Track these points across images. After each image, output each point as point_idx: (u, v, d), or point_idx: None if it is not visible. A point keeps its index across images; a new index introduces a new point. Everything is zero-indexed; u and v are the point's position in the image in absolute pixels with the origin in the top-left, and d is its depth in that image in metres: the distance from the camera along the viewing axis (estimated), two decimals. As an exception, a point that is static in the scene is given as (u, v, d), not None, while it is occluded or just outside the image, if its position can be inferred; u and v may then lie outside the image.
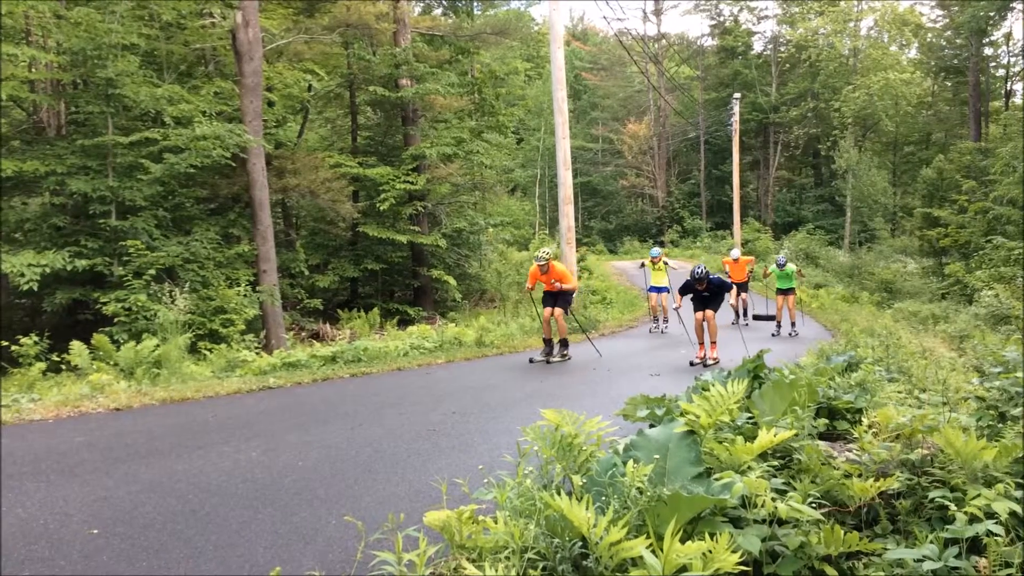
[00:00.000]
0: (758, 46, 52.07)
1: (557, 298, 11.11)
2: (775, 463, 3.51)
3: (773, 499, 2.94)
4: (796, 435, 3.67)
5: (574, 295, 11.80)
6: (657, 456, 3.14)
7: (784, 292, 16.84)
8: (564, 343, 11.32)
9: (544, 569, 2.58)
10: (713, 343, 11.08)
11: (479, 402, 7.46)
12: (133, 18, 15.38)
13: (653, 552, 2.44)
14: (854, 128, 42.97)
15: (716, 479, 3.13)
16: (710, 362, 10.64)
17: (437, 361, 11.09)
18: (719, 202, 48.16)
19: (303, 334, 17.01)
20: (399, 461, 5.06)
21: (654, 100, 51.19)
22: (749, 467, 3.33)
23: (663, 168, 50.93)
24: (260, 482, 4.55)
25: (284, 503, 4.14)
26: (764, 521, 2.93)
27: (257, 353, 11.07)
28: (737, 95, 38.66)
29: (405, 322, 18.98)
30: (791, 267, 16.87)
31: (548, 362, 10.90)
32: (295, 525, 3.79)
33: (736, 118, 36.77)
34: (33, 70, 16.69)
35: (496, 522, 2.82)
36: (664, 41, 54.90)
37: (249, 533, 3.67)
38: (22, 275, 12.07)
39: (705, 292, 11.08)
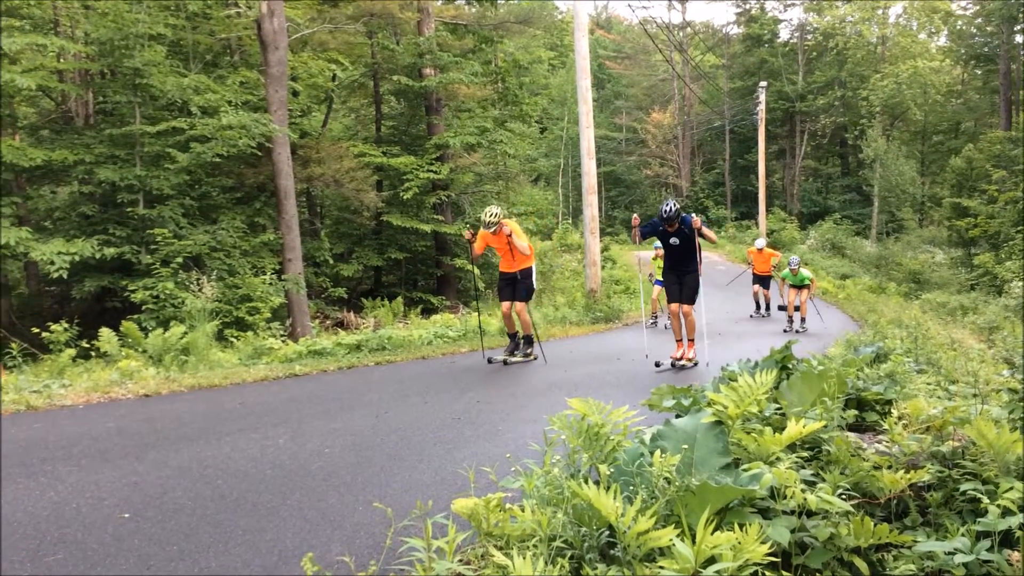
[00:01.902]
0: (784, 34, 51.55)
1: (516, 286, 9.60)
2: (804, 454, 3.48)
3: (802, 490, 2.91)
4: (825, 426, 3.64)
5: (533, 277, 9.85)
6: (685, 446, 3.13)
7: (797, 287, 16.13)
8: (528, 340, 9.85)
9: (572, 558, 2.58)
10: (691, 340, 9.46)
11: (503, 391, 7.48)
12: (159, 8, 15.50)
13: (682, 542, 2.44)
14: (882, 117, 42.45)
15: (744, 470, 3.11)
16: (682, 364, 9.22)
17: (461, 350, 11.11)
18: (744, 192, 47.81)
19: (328, 322, 17.12)
20: (425, 449, 5.09)
21: (679, 89, 50.86)
22: (778, 458, 3.31)
23: (687, 157, 50.62)
24: (288, 468, 4.59)
25: (312, 489, 4.18)
26: (793, 512, 2.91)
27: (283, 341, 11.15)
28: (763, 83, 38.29)
29: (428, 311, 19.05)
30: (805, 273, 16.10)
31: (506, 363, 9.43)
32: (323, 511, 3.82)
33: (762, 107, 36.42)
34: (62, 60, 16.88)
35: (523, 510, 2.83)
36: (689, 29, 54.47)
37: (277, 518, 3.71)
38: (52, 263, 12.24)
39: (674, 239, 9.23)
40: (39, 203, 15.48)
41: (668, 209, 9.19)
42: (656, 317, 15.81)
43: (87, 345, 9.80)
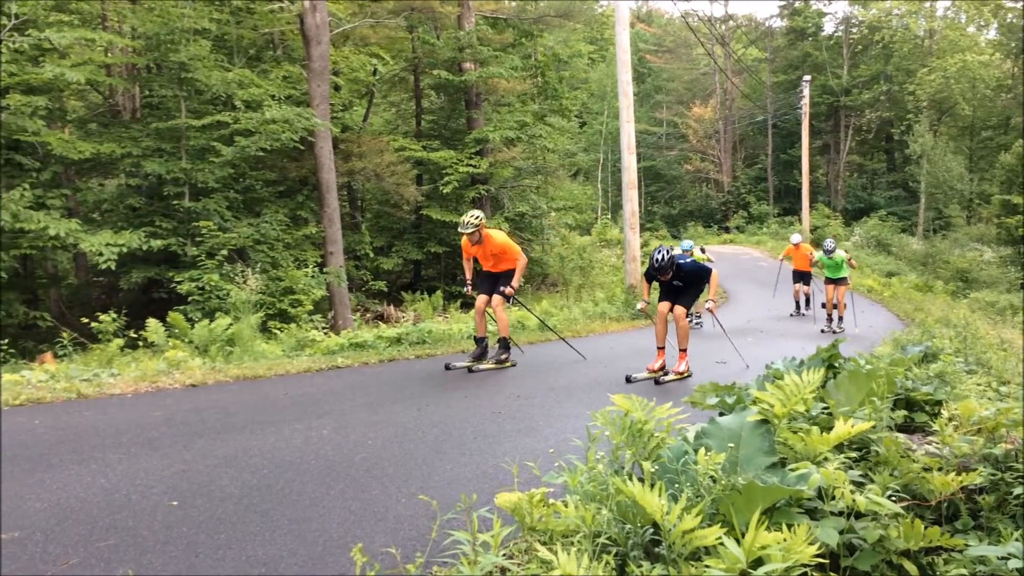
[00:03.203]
0: (829, 27, 50.65)
1: (495, 282, 8.65)
2: (852, 455, 3.43)
3: (851, 491, 2.87)
4: (874, 426, 3.58)
5: (516, 279, 8.70)
6: (731, 445, 3.10)
7: (834, 282, 15.09)
8: (503, 344, 8.76)
9: (616, 555, 2.58)
10: (682, 351, 8.30)
11: (543, 386, 7.48)
12: (204, 3, 15.71)
13: (732, 541, 2.43)
14: (929, 112, 41.58)
15: (791, 470, 3.07)
16: (666, 378, 8.01)
17: (500, 344, 11.11)
18: (787, 187, 47.17)
19: (368, 315, 17.26)
20: (466, 442, 5.11)
21: (720, 83, 50.31)
22: (825, 458, 3.27)
23: (729, 152, 50.07)
24: (331, 459, 4.64)
25: (355, 480, 4.22)
26: (841, 513, 2.87)
27: (325, 333, 11.26)
28: (807, 77, 37.76)
29: (468, 305, 19.09)
30: (840, 254, 15.09)
31: (471, 370, 8.28)
32: (366, 502, 3.86)
33: (806, 101, 35.92)
34: (109, 55, 17.20)
35: (566, 506, 2.83)
36: (731, 22, 53.84)
37: (322, 508, 3.75)
38: (100, 254, 12.49)
39: (675, 282, 8.31)
40: (88, 195, 15.79)
41: (659, 258, 8.01)
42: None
43: (135, 335, 10.00)
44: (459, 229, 8.48)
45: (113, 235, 12.98)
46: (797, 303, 17.68)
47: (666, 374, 8.11)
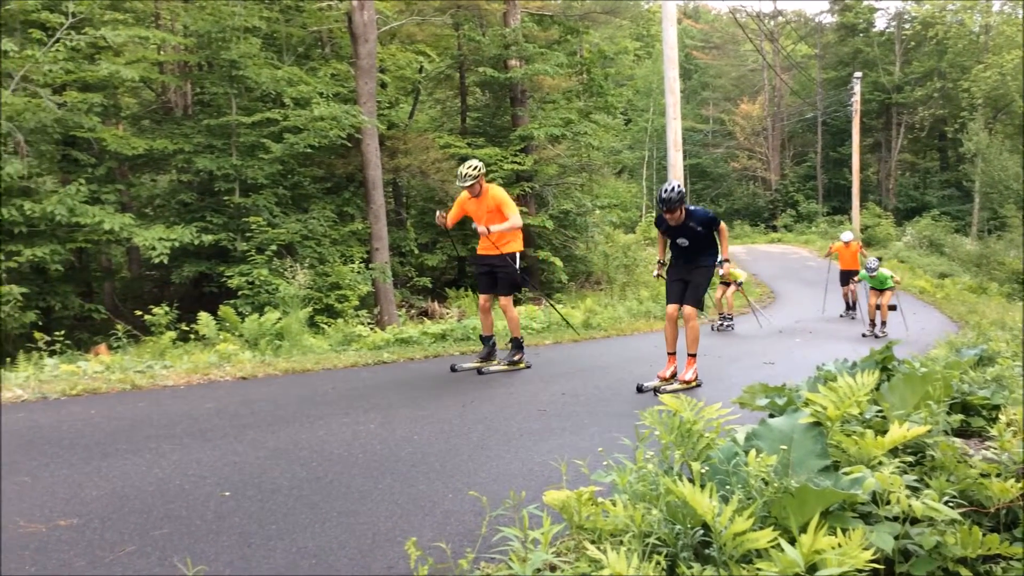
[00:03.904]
0: (881, 23, 49.82)
1: (497, 277, 7.95)
2: (907, 459, 3.37)
3: (907, 496, 2.82)
4: (930, 431, 3.51)
5: (517, 266, 7.99)
6: (783, 447, 3.06)
7: (879, 290, 14.90)
8: (516, 344, 8.24)
9: (665, 555, 2.56)
10: (691, 356, 7.32)
11: (588, 384, 7.46)
12: (254, 1, 15.95)
13: (780, 545, 2.40)
14: (984, 109, 40.52)
15: (844, 473, 3.03)
16: (669, 388, 7.03)
17: (545, 342, 11.13)
18: (836, 186, 46.37)
19: (412, 311, 17.38)
20: (511, 439, 5.12)
21: (769, 79, 49.65)
22: (880, 462, 3.21)
23: (777, 150, 49.39)
24: (378, 453, 4.69)
25: (402, 474, 4.25)
26: (896, 519, 2.82)
27: (371, 328, 11.38)
28: (858, 74, 37.10)
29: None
30: (884, 272, 14.84)
31: (480, 372, 7.82)
32: (413, 496, 3.88)
33: (856, 98, 35.30)
34: (162, 52, 17.56)
35: (614, 505, 2.82)
36: (780, 18, 53.06)
37: (370, 502, 3.79)
38: (153, 248, 12.76)
39: (682, 239, 7.18)
40: (141, 190, 16.16)
41: (668, 189, 6.95)
42: (723, 319, 14.80)
43: (186, 328, 10.21)
44: (457, 183, 7.81)
45: (165, 230, 13.26)
46: (847, 303, 17.38)
47: (671, 382, 7.25)
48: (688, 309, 7.19)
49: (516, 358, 8.22)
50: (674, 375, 7.39)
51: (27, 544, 3.15)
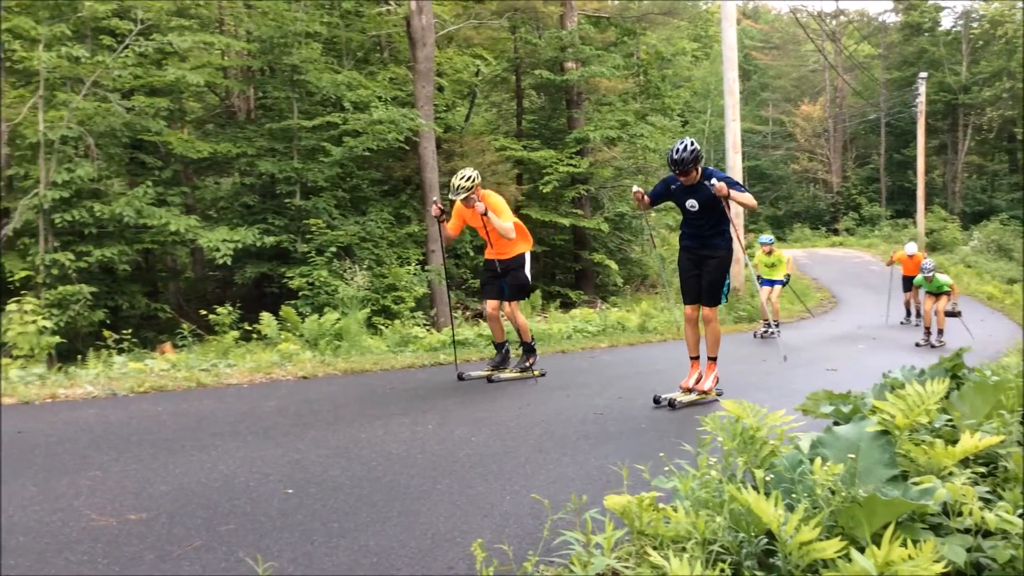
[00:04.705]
0: (947, 22, 48.42)
1: (504, 281, 7.59)
2: (979, 470, 3.27)
3: (980, 508, 2.74)
4: (1003, 441, 3.40)
5: (527, 267, 7.64)
6: (852, 455, 2.99)
7: (935, 295, 14.07)
8: (528, 349, 7.87)
9: (729, 563, 2.53)
10: (711, 359, 6.62)
11: (645, 389, 7.38)
12: (316, 6, 16.22)
13: (848, 555, 2.35)
14: (1057, 110, 39.10)
15: (914, 483, 2.95)
16: (685, 399, 6.41)
17: (600, 345, 11.09)
18: (900, 188, 45.22)
19: (467, 313, 17.46)
20: (568, 443, 5.11)
21: (830, 80, 48.67)
22: (951, 472, 3.12)
23: (838, 152, 48.39)
24: (437, 454, 4.72)
25: (460, 475, 4.27)
26: (967, 531, 2.74)
27: (427, 330, 11.47)
28: (923, 74, 36.13)
29: (567, 305, 19.09)
30: (943, 279, 13.99)
31: (490, 380, 7.46)
32: (471, 498, 3.90)
33: (922, 99, 34.39)
34: (226, 57, 17.97)
35: (675, 511, 2.79)
36: (842, 17, 52.00)
37: (429, 502, 3.81)
38: (217, 249, 13.07)
39: (692, 202, 6.36)
40: (205, 193, 16.58)
41: (681, 148, 6.14)
42: (769, 326, 13.65)
43: (248, 328, 10.43)
44: (450, 195, 7.22)
45: (229, 231, 13.57)
46: (908, 310, 16.95)
47: (690, 394, 6.52)
48: (707, 310, 6.54)
49: (529, 363, 7.84)
50: (700, 380, 6.65)
51: (99, 537, 3.25)
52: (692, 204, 6.36)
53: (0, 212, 13.51)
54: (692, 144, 6.16)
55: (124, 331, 9.66)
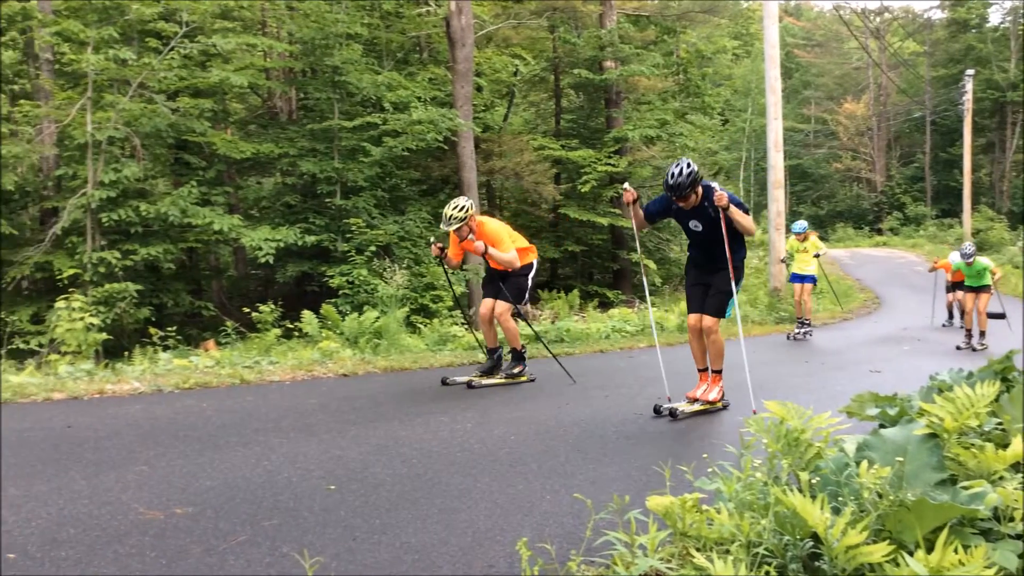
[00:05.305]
0: (995, 18, 47.25)
1: (500, 286, 7.31)
2: (1033, 475, 3.18)
3: (1033, 514, 2.68)
4: (1057, 446, 3.31)
5: (529, 277, 7.51)
6: (900, 458, 2.94)
7: (975, 290, 12.93)
8: (517, 356, 7.53)
9: (774, 566, 2.50)
10: (715, 373, 6.32)
11: (684, 388, 7.31)
12: (356, 8, 16.36)
13: (896, 560, 2.32)
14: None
15: (963, 487, 2.89)
16: (689, 409, 6.07)
17: (639, 345, 11.03)
18: (946, 187, 44.31)
19: (506, 313, 17.49)
20: (607, 443, 5.09)
21: (874, 78, 47.87)
22: (1001, 477, 3.06)
23: (882, 150, 47.56)
24: (476, 452, 4.73)
25: (500, 474, 4.28)
26: (1019, 536, 2.68)
27: (465, 329, 11.50)
28: (970, 72, 35.33)
29: (605, 304, 19.03)
30: (983, 262, 12.94)
31: (471, 385, 7.04)
32: (511, 496, 3.90)
33: (968, 97, 33.64)
34: (268, 59, 18.21)
35: (718, 512, 2.77)
36: (887, 14, 51.11)
37: (469, 500, 3.83)
38: (260, 248, 13.25)
39: (695, 223, 6.02)
40: (248, 193, 16.80)
41: (677, 172, 5.70)
42: (802, 325, 13.19)
43: (290, 326, 10.56)
44: (442, 226, 7.05)
45: (271, 231, 13.75)
46: (950, 312, 16.58)
47: (694, 402, 6.21)
48: (708, 320, 6.16)
49: (516, 370, 7.47)
50: (704, 395, 6.33)
51: (147, 530, 3.31)
52: (696, 225, 6.05)
53: (49, 211, 13.86)
54: (689, 166, 5.74)
55: (169, 328, 9.85)
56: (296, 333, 10.46)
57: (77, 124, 12.99)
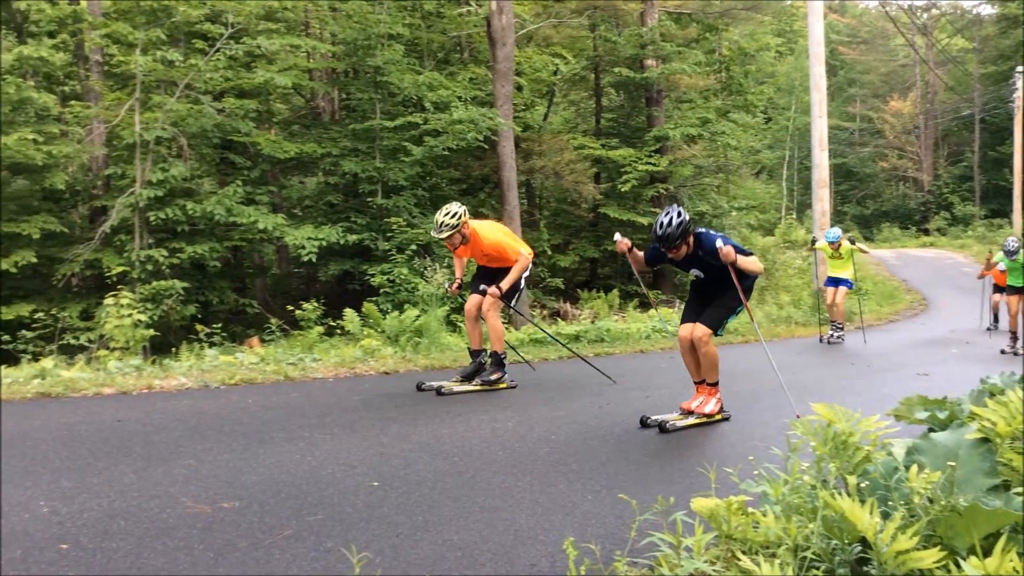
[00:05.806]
0: (1048, 13, 45.87)
1: (491, 282, 6.87)
2: (1090, 482, 3.10)
3: (1091, 522, 2.60)
4: (1115, 453, 3.22)
5: (525, 274, 7.08)
6: (952, 463, 2.89)
7: (1019, 291, 12.60)
8: (497, 362, 6.98)
9: (822, 570, 2.47)
10: (711, 385, 5.89)
11: (727, 390, 7.23)
12: (398, 8, 16.47)
13: (947, 566, 2.28)
14: None
15: (1016, 493, 2.83)
16: (682, 422, 5.62)
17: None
18: (996, 187, 43.23)
19: (544, 312, 17.48)
20: (650, 443, 5.07)
21: (921, 75, 46.90)
22: (1056, 484, 2.98)
23: (930, 149, 46.58)
24: (517, 451, 4.74)
25: (541, 473, 4.29)
26: (1075, 546, 2.61)
27: (506, 328, 11.52)
28: (1020, 68, 34.44)
29: (645, 305, 18.91)
30: None
31: (440, 392, 6.52)
32: (552, 496, 3.90)
33: (1019, 94, 32.84)
34: (311, 60, 18.41)
35: (764, 515, 2.74)
36: (934, 10, 50.03)
37: (511, 499, 3.84)
38: (303, 247, 13.41)
39: (696, 271, 5.81)
40: (291, 192, 17.01)
41: (666, 222, 5.35)
42: (836, 328, 12.93)
43: (332, 323, 10.67)
44: (433, 233, 6.79)
45: (313, 230, 13.91)
46: (996, 315, 16.14)
47: (688, 415, 5.80)
48: (701, 331, 5.71)
49: (494, 376, 6.93)
50: (698, 407, 5.90)
51: (194, 524, 3.37)
52: (697, 274, 5.81)
53: (98, 210, 14.18)
54: (680, 215, 5.35)
55: (214, 325, 10.01)
56: (338, 331, 10.57)
57: (126, 124, 13.27)
